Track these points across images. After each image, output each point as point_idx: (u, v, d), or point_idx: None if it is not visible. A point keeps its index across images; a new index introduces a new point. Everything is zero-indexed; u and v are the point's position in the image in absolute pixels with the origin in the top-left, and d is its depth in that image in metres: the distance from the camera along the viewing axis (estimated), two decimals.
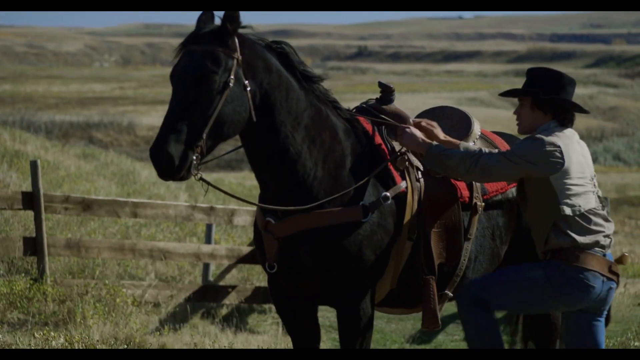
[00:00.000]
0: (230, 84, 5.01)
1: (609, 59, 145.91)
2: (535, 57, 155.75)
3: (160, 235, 13.38)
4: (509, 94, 5.31)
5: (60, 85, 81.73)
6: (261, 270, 12.43)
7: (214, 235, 12.08)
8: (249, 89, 5.09)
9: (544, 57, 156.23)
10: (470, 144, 5.54)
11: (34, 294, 9.31)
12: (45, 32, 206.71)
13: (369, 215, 5.30)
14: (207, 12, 5.18)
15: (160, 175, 4.97)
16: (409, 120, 5.60)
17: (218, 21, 5.16)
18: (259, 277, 12.54)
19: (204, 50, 5.05)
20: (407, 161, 5.47)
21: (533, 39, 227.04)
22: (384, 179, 5.42)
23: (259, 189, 5.46)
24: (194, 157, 4.95)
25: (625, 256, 5.15)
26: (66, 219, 12.52)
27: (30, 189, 9.73)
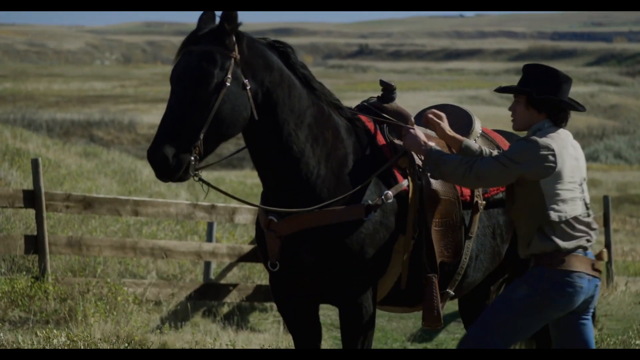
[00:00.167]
0: (228, 84, 5.01)
1: (610, 57, 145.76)
2: (536, 55, 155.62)
3: (162, 234, 13.39)
4: (504, 91, 5.29)
5: (61, 83, 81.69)
6: (262, 268, 12.43)
7: (215, 233, 12.09)
8: (248, 87, 5.08)
9: (545, 55, 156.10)
10: (472, 141, 5.54)
11: (36, 292, 9.32)
12: (46, 30, 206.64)
13: (372, 213, 5.30)
14: (208, 12, 5.18)
15: (157, 176, 5.00)
16: (410, 118, 5.60)
17: (218, 21, 5.17)
18: (260, 276, 12.54)
19: (201, 51, 5.05)
20: (409, 160, 5.47)
21: (534, 37, 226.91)
22: (386, 178, 5.42)
23: (260, 188, 5.45)
24: (192, 158, 4.96)
25: (604, 252, 5.16)
26: (67, 217, 12.53)
27: (31, 187, 9.75)
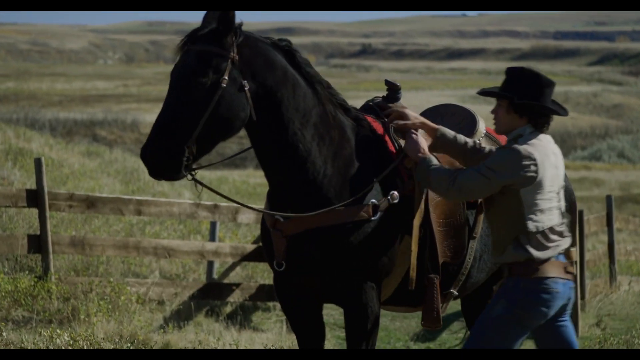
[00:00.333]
0: (224, 85, 5.01)
1: (612, 57, 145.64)
2: (539, 55, 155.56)
3: (165, 233, 13.39)
4: (486, 94, 5.22)
5: (64, 82, 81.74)
6: (265, 268, 12.42)
7: (218, 233, 12.08)
8: (247, 88, 5.08)
9: (548, 55, 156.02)
10: (447, 130, 5.47)
11: (39, 291, 9.32)
12: (49, 30, 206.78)
13: (378, 213, 5.29)
14: (213, 12, 5.16)
15: (150, 174, 5.04)
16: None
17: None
18: (263, 275, 12.54)
19: (198, 51, 5.06)
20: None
21: (537, 37, 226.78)
22: (392, 178, 5.41)
23: (263, 187, 5.46)
24: (185, 158, 4.97)
25: (572, 251, 5.14)
26: (70, 216, 12.53)
27: (34, 187, 9.74)
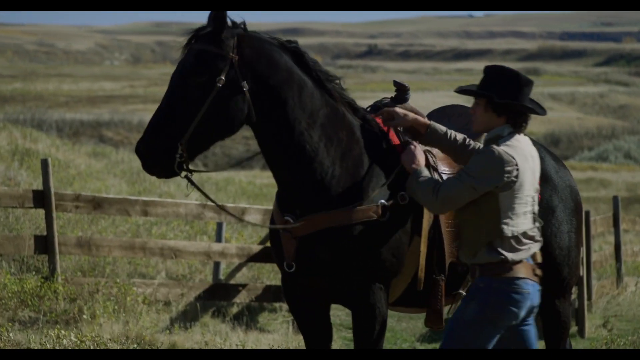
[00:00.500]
0: (219, 85, 5.03)
1: (619, 57, 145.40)
2: (546, 56, 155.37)
3: (171, 234, 13.40)
4: (464, 93, 5.19)
5: (71, 83, 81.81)
6: (271, 268, 12.42)
7: (225, 233, 12.08)
8: (245, 89, 5.09)
9: (554, 56, 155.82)
10: (439, 125, 5.44)
11: (45, 292, 9.33)
12: (55, 31, 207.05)
13: (387, 214, 5.29)
14: (219, 12, 5.15)
15: (144, 169, 5.11)
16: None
17: (228, 21, 5.17)
18: (270, 276, 12.54)
19: (197, 50, 5.10)
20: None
21: (543, 37, 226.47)
22: (402, 179, 5.40)
23: (269, 188, 5.47)
24: (178, 156, 5.01)
25: (537, 253, 5.14)
26: (77, 217, 12.55)
27: (41, 188, 9.76)
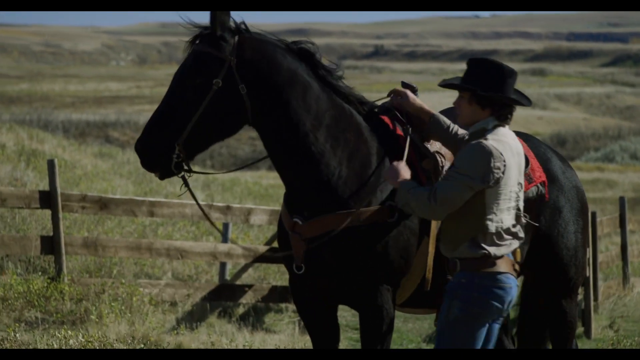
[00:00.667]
0: (215, 87, 5.05)
1: (626, 58, 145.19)
2: (552, 56, 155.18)
3: (177, 235, 13.41)
4: (447, 86, 5.14)
5: (77, 84, 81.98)
6: (278, 269, 12.42)
7: (231, 234, 12.08)
8: (244, 92, 5.09)
9: (561, 56, 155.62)
10: (442, 116, 5.42)
11: (52, 292, 9.34)
12: (61, 31, 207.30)
13: (396, 215, 5.27)
14: (221, 12, 5.16)
15: (142, 166, 5.15)
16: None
17: (232, 21, 5.18)
18: (276, 276, 12.54)
19: (197, 51, 5.12)
20: (434, 162, 5.42)
21: (550, 38, 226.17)
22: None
23: (275, 189, 5.47)
24: (174, 155, 5.04)
25: (518, 251, 5.12)
26: (83, 218, 12.55)
27: (47, 188, 9.76)
